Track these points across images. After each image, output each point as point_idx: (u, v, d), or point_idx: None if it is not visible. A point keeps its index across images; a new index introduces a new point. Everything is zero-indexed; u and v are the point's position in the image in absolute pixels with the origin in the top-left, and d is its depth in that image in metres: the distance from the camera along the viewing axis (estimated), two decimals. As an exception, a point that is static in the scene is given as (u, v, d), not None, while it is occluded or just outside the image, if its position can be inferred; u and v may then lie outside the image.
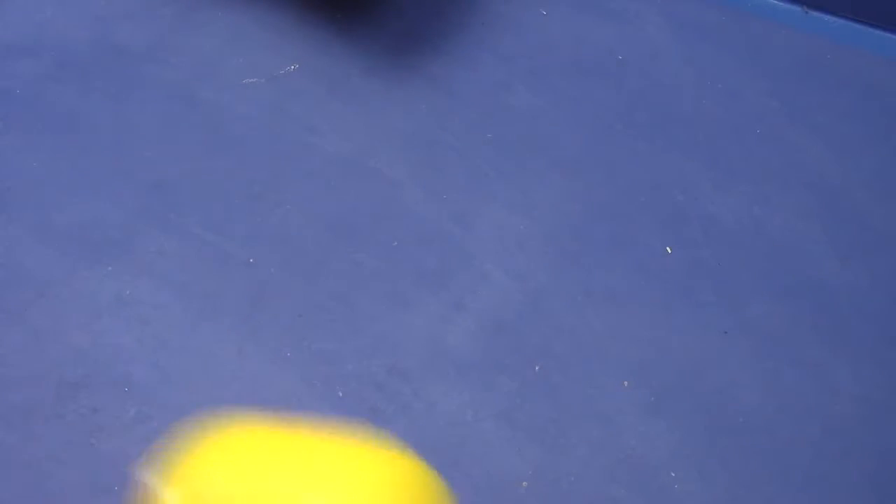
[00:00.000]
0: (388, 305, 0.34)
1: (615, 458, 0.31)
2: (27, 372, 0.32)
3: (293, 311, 0.34)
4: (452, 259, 0.36)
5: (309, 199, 0.37)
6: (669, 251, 0.38)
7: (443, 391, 0.32)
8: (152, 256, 0.35)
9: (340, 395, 0.32)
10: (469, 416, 0.32)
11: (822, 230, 0.40)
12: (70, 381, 0.32)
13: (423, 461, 0.31)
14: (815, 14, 0.50)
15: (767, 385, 0.34)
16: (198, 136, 0.39)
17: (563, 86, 0.44)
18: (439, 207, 0.38)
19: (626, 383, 0.34)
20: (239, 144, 0.39)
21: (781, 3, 0.50)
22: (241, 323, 0.33)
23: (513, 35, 0.46)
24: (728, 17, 0.49)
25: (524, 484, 0.30)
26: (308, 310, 0.33)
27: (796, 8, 0.50)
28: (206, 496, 0.20)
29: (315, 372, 0.32)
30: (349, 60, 0.43)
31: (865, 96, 0.46)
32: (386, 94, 0.42)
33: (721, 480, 0.31)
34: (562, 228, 0.38)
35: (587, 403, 0.33)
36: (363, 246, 0.36)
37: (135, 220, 0.35)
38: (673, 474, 0.31)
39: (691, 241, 0.39)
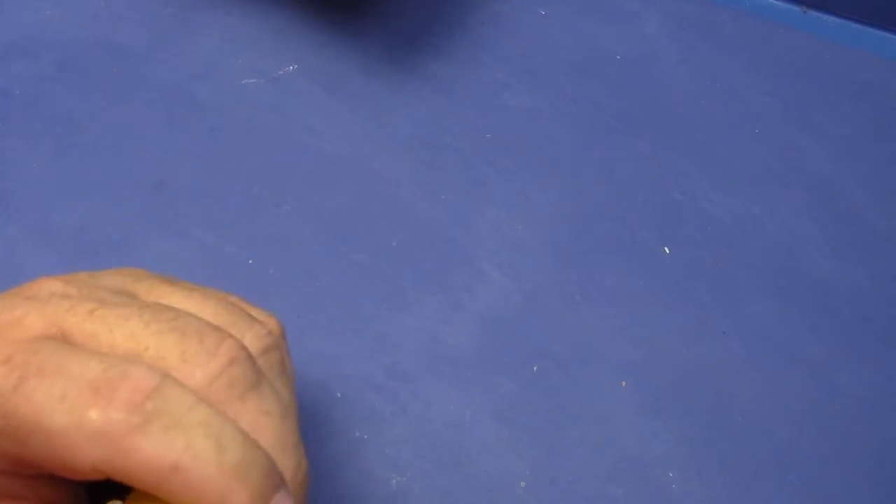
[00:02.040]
0: (386, 306, 0.34)
1: (613, 458, 0.32)
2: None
3: (292, 312, 0.34)
4: (451, 259, 0.36)
5: (308, 200, 0.37)
6: (668, 251, 0.38)
7: (441, 391, 0.32)
8: (152, 257, 0.35)
9: (339, 395, 0.32)
10: (467, 416, 0.32)
11: (821, 230, 0.40)
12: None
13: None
14: (815, 14, 0.50)
15: (766, 385, 0.34)
16: (197, 137, 0.39)
17: (563, 86, 0.44)
18: (438, 208, 0.38)
19: (624, 383, 0.34)
20: (238, 145, 0.39)
21: (780, 3, 0.50)
22: (240, 323, 0.33)
23: (512, 35, 0.46)
24: (727, 16, 0.49)
25: (522, 484, 0.30)
26: (307, 310, 0.33)
27: (795, 7, 0.50)
28: None
29: (314, 373, 0.32)
30: (349, 60, 0.43)
31: (865, 96, 0.46)
32: (385, 94, 0.42)
33: (719, 480, 0.32)
34: (560, 228, 0.38)
35: (585, 403, 0.33)
36: (362, 246, 0.36)
37: (134, 220, 0.35)
38: (671, 474, 0.31)
39: (690, 240, 0.39)
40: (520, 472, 0.31)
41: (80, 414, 0.17)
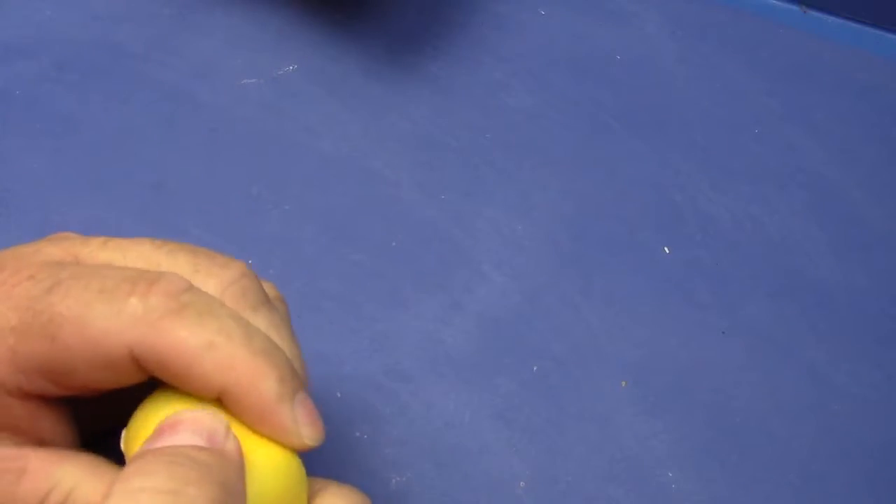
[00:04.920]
0: (386, 306, 0.34)
1: (613, 458, 0.32)
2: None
3: (292, 312, 0.34)
4: (451, 259, 0.36)
5: (307, 200, 0.37)
6: (667, 251, 0.38)
7: (441, 392, 0.32)
8: (152, 257, 0.35)
9: (339, 395, 0.32)
10: (467, 416, 0.32)
11: (820, 230, 0.40)
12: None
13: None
14: (814, 13, 0.50)
15: (765, 385, 0.34)
16: (196, 137, 0.39)
17: (562, 86, 0.44)
18: (438, 208, 0.38)
19: (624, 383, 0.34)
20: (237, 145, 0.39)
21: (780, 3, 0.50)
22: (239, 323, 0.33)
23: (512, 35, 0.46)
24: (726, 16, 0.49)
25: (522, 484, 0.30)
26: (306, 310, 0.34)
27: (795, 7, 0.50)
28: None
29: (313, 373, 0.32)
30: (349, 61, 0.43)
31: (864, 96, 0.46)
32: (385, 94, 0.42)
33: (718, 480, 0.32)
34: (560, 229, 0.38)
35: (585, 404, 0.33)
36: (362, 246, 0.36)
37: (134, 221, 0.35)
38: (670, 474, 0.31)
39: (689, 240, 0.39)
40: (519, 472, 0.31)
41: (120, 301, 0.18)
